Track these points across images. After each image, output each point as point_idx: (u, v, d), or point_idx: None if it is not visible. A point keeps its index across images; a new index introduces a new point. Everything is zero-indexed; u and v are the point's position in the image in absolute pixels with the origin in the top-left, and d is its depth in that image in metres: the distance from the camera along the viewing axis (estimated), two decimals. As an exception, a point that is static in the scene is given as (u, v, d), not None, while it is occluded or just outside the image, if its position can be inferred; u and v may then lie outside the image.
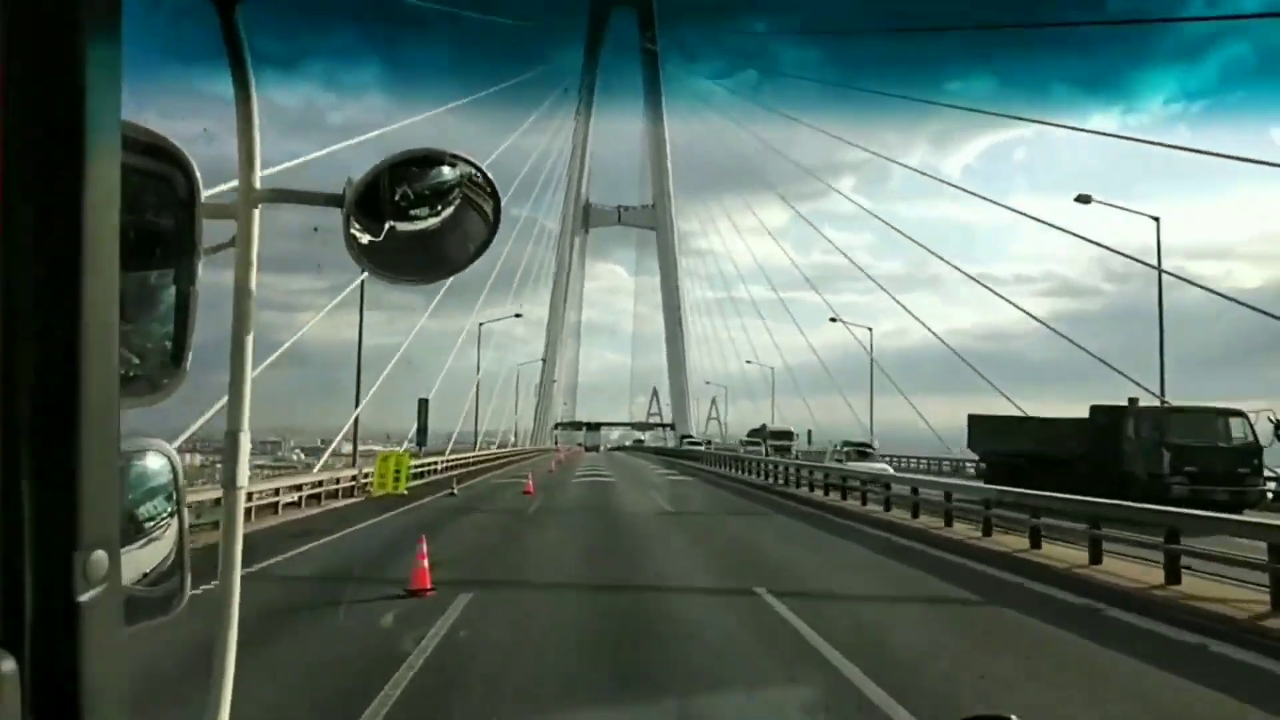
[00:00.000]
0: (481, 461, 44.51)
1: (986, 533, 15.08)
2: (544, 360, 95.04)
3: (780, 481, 30.61)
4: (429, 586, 9.40)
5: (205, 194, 1.03)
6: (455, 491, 26.34)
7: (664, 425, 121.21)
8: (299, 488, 21.57)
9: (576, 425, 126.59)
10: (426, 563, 9.62)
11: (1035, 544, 13.32)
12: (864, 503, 21.30)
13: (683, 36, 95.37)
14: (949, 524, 16.57)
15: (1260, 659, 7.52)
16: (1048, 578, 11.46)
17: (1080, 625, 8.81)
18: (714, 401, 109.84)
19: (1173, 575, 10.32)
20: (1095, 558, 11.85)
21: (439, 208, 1.14)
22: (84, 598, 0.73)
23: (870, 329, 53.01)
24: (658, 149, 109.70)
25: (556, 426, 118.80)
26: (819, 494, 25.20)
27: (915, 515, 17.92)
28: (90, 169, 0.73)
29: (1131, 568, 11.26)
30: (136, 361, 0.96)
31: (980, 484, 22.52)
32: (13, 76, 0.70)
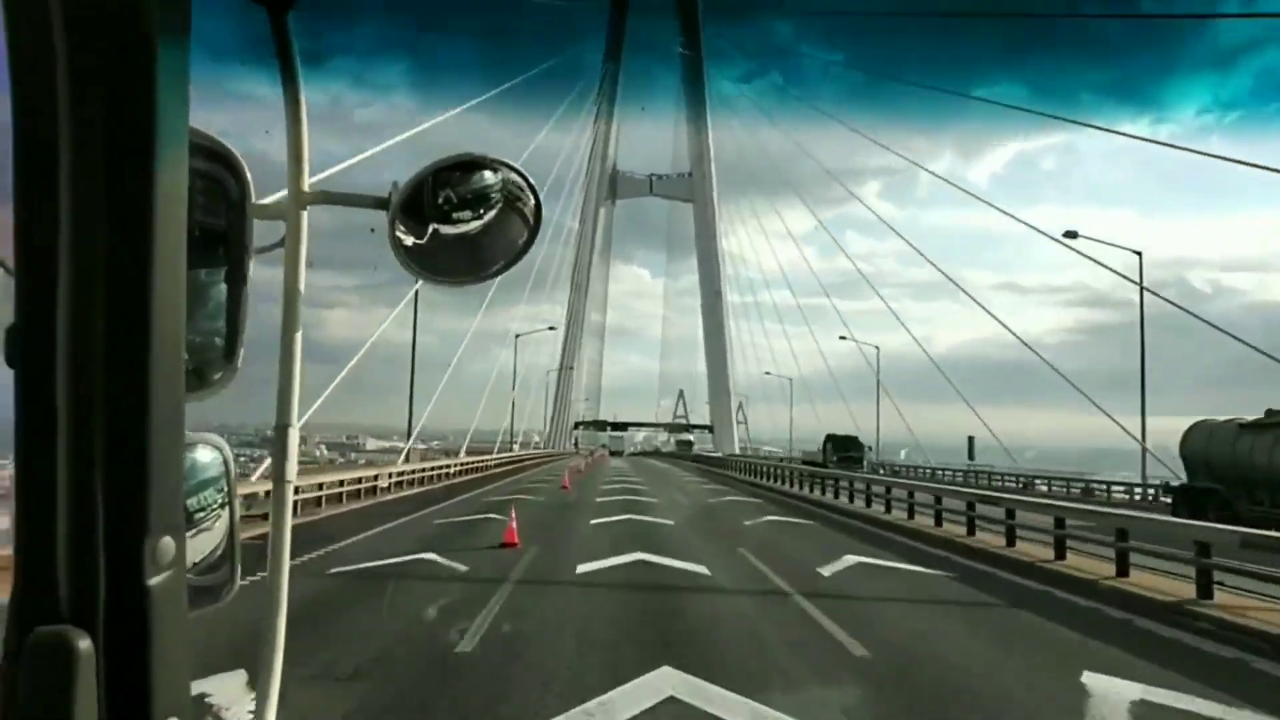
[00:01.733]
0: (474, 470, 38.92)
1: None
2: (562, 354, 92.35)
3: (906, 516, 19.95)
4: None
5: (255, 196, 1.07)
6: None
7: (698, 427, 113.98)
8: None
9: (600, 425, 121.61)
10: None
11: None
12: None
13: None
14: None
15: None
16: None
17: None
18: (740, 405, 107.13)
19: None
20: None
21: (481, 211, 1.18)
22: (153, 581, 0.77)
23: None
24: (696, 105, 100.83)
25: (578, 426, 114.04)
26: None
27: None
28: (159, 173, 0.77)
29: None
30: (189, 357, 1.01)
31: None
32: (86, 84, 0.74)
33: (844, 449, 48.03)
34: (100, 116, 0.75)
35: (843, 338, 61.67)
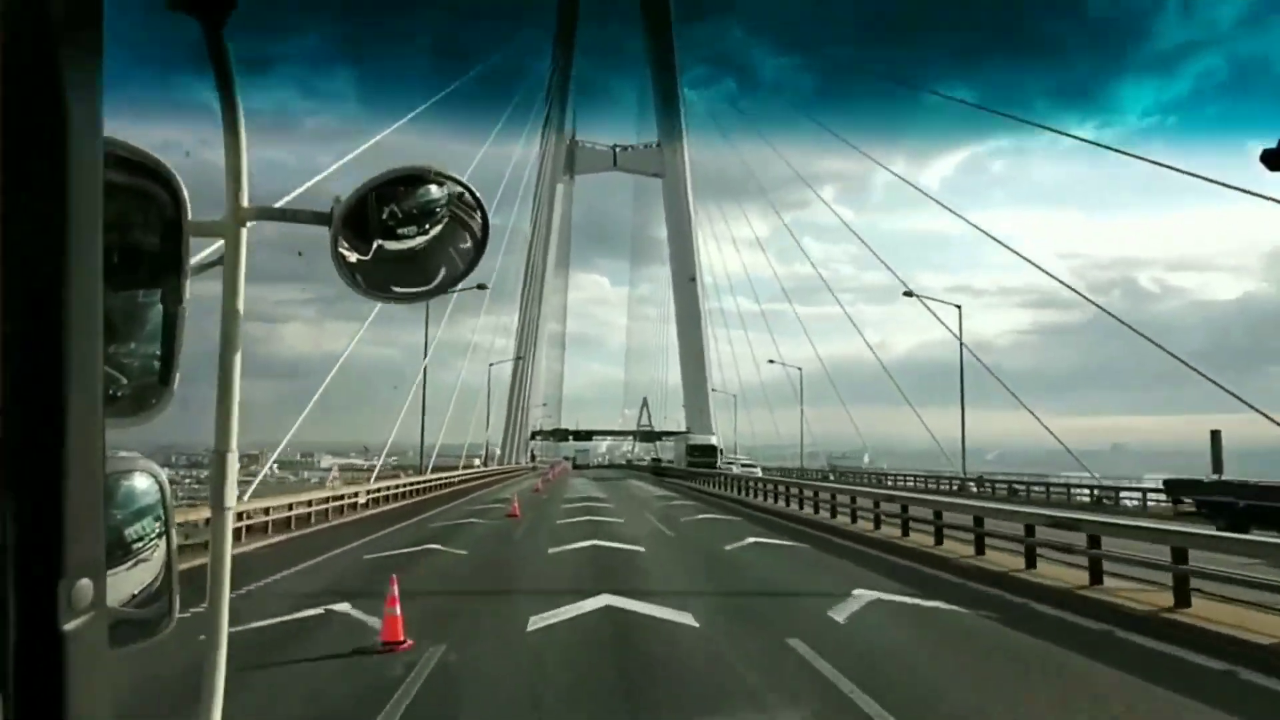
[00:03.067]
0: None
1: None
2: (517, 359, 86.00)
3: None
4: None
5: (192, 212, 1.04)
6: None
7: (671, 434, 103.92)
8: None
9: (561, 435, 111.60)
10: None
11: None
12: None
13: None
14: None
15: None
16: None
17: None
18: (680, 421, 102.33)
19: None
20: None
21: (427, 226, 1.17)
22: (69, 626, 0.72)
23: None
24: (662, 68, 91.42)
25: (535, 436, 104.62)
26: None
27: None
28: (72, 187, 0.73)
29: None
30: (124, 381, 0.97)
31: None
32: None
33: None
34: (8, 128, 0.71)
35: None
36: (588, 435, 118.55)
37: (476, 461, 68.38)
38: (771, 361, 65.78)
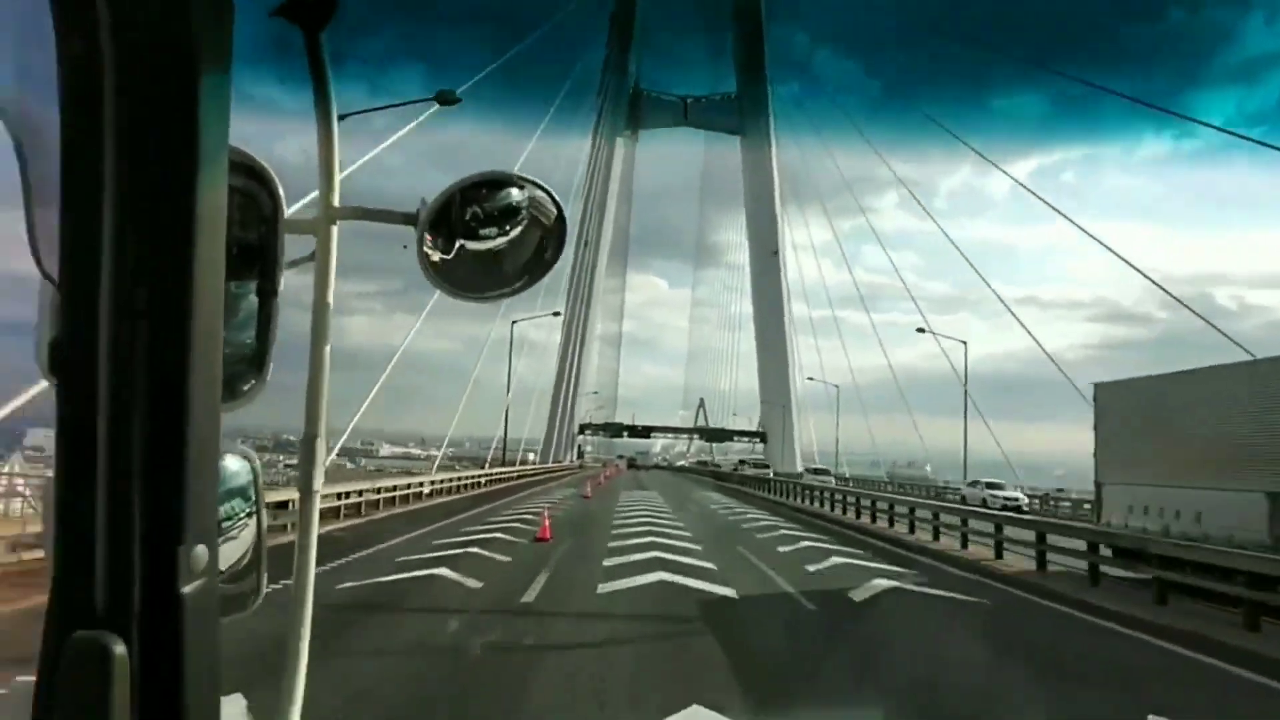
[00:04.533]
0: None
1: None
2: (565, 341, 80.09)
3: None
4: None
5: (288, 210, 1.11)
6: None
7: (745, 434, 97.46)
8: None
9: (614, 430, 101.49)
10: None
11: None
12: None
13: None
14: None
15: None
16: None
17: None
18: (750, 420, 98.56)
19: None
20: None
21: (507, 227, 1.21)
22: (186, 589, 0.80)
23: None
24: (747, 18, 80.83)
25: (584, 430, 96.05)
26: None
27: None
28: (200, 188, 0.80)
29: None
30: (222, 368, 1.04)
31: None
32: (130, 100, 0.77)
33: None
34: (143, 132, 0.78)
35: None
36: (645, 432, 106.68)
37: (532, 456, 68.21)
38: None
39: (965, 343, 50.09)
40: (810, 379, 68.63)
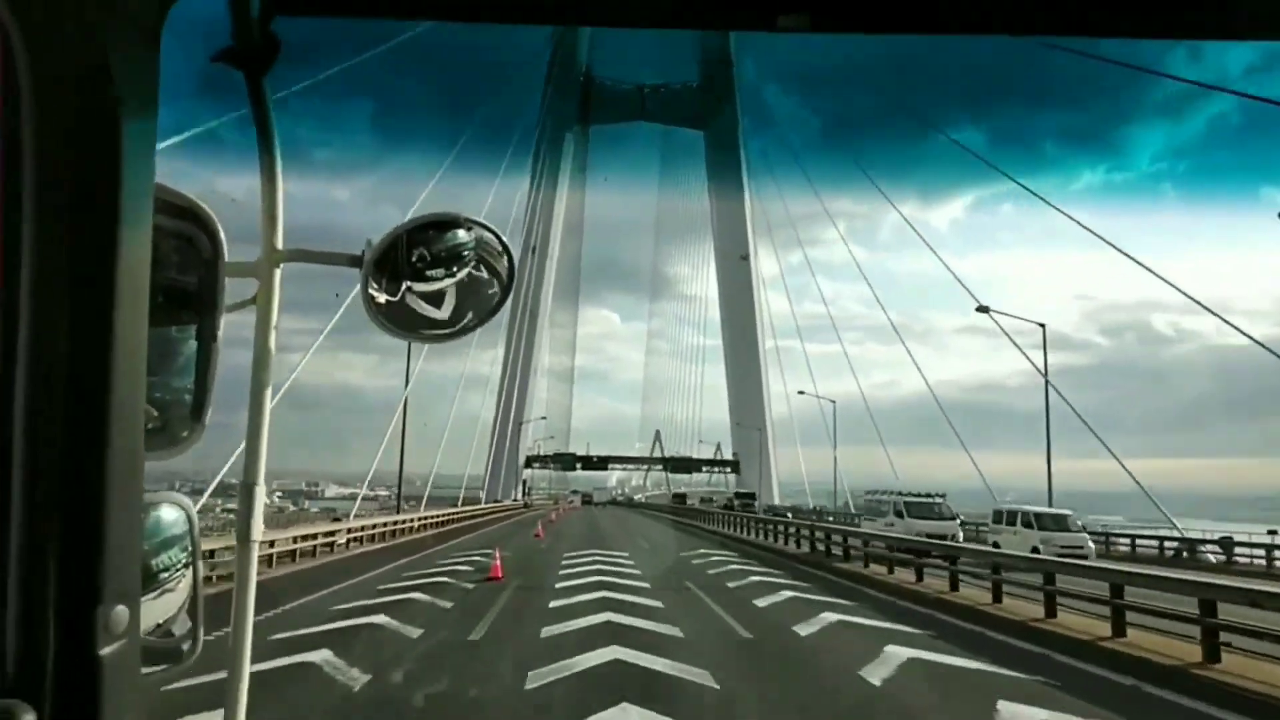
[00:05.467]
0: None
1: None
2: (506, 372, 73.34)
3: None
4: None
5: (234, 252, 1.10)
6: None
7: (714, 463, 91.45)
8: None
9: (567, 461, 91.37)
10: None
11: None
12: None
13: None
14: None
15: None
16: None
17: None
18: (719, 447, 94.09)
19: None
20: None
21: (454, 269, 1.22)
22: (104, 651, 0.77)
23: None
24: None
25: (532, 463, 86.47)
26: None
27: None
28: (123, 235, 0.78)
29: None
30: (156, 415, 1.03)
31: None
32: (49, 138, 0.76)
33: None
34: (64, 179, 0.76)
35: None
36: (601, 463, 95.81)
37: (482, 495, 64.28)
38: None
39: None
40: (801, 393, 62.75)
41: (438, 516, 40.11)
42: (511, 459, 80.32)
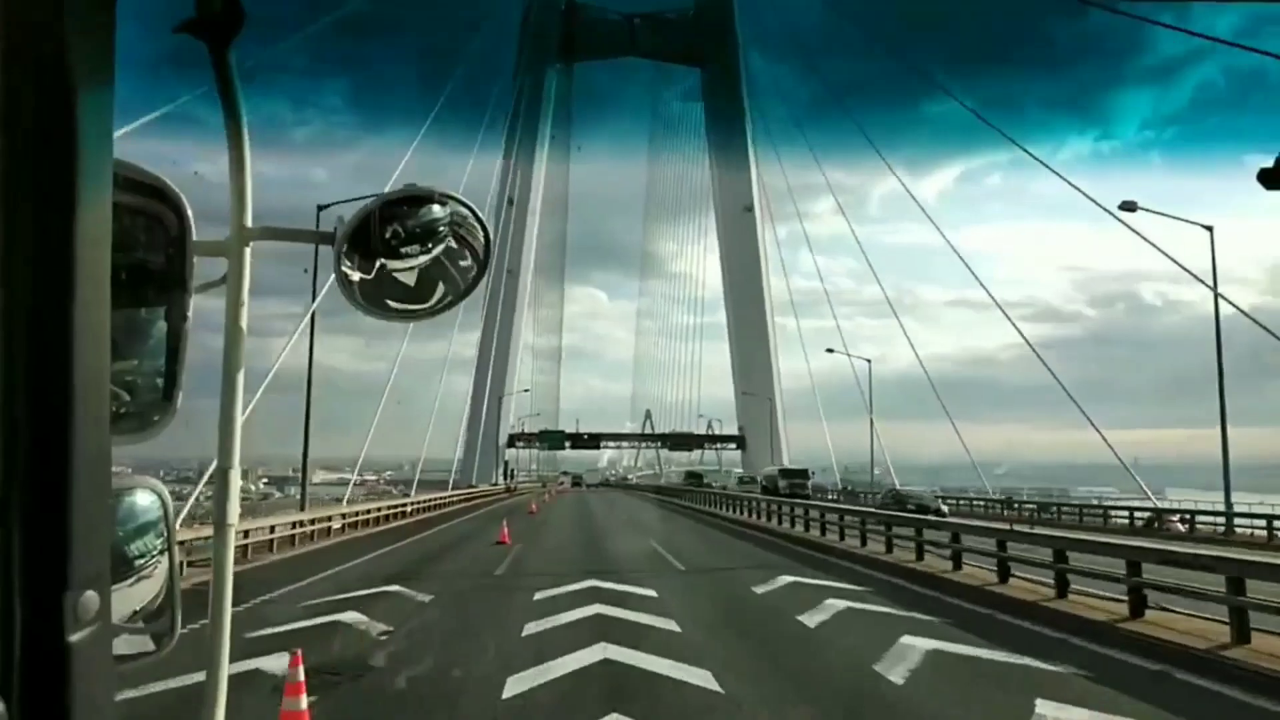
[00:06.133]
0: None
1: None
2: (483, 341, 69.52)
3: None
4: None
5: (196, 231, 1.08)
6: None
7: (718, 439, 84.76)
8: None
9: (555, 440, 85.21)
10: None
11: None
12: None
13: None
14: None
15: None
16: None
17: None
18: (710, 424, 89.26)
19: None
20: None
21: (429, 245, 1.20)
22: (74, 638, 0.75)
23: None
24: None
25: (516, 441, 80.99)
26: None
27: None
28: (81, 209, 0.76)
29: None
30: (127, 398, 1.01)
31: None
32: (4, 116, 0.74)
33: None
34: (19, 154, 0.74)
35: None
36: (594, 441, 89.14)
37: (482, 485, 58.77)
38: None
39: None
40: (830, 350, 55.45)
41: (346, 516, 27.23)
42: (491, 438, 73.55)
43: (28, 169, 0.75)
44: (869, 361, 52.04)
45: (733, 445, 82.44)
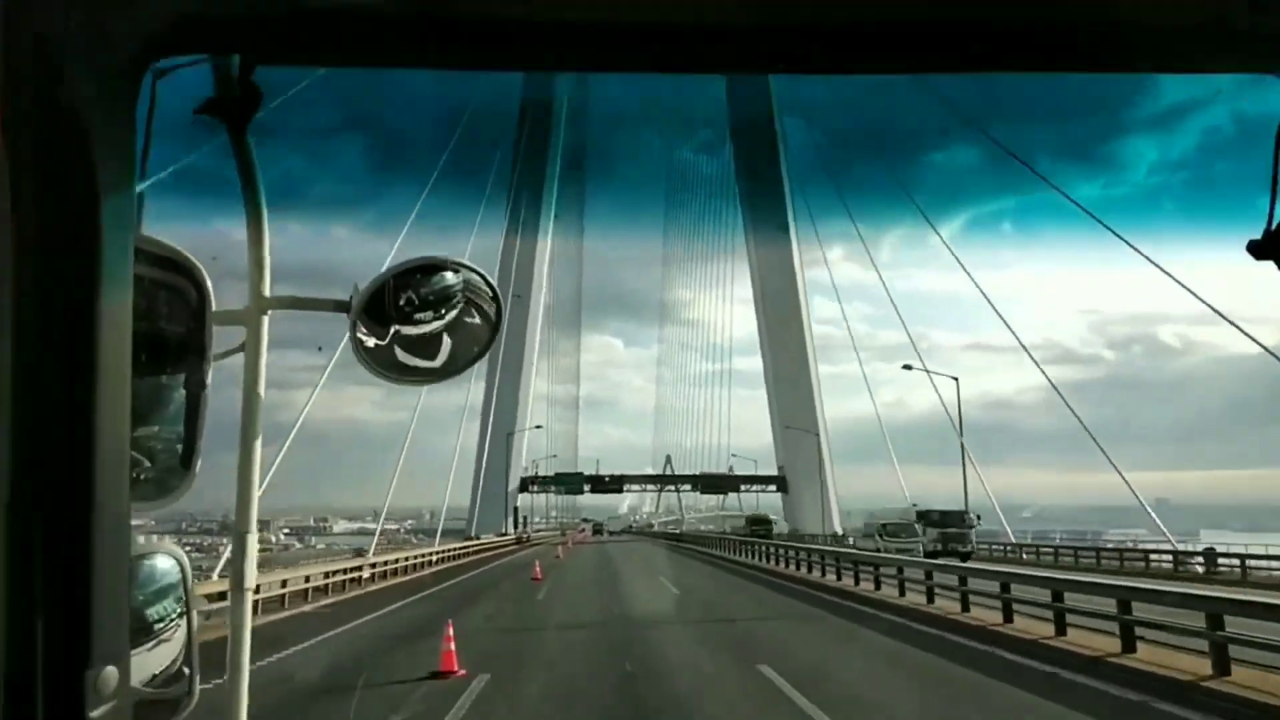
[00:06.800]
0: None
1: None
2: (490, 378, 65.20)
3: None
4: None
5: (220, 295, 1.12)
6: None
7: (756, 480, 75.65)
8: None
9: (573, 483, 78.02)
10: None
11: None
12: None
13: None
14: None
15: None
16: None
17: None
18: (731, 467, 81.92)
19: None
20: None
21: (442, 311, 1.24)
22: (94, 714, 0.76)
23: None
24: None
25: (531, 484, 75.48)
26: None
27: None
28: (104, 283, 0.79)
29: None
30: (147, 464, 1.04)
31: None
32: (28, 190, 0.76)
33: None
34: (43, 238, 0.76)
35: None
36: (616, 484, 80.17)
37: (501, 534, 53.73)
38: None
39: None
40: (908, 367, 47.67)
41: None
42: (498, 480, 66.52)
43: (54, 244, 0.77)
44: (956, 379, 44.35)
45: (772, 488, 75.54)
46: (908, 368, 47.31)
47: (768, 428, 75.32)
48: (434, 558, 33.85)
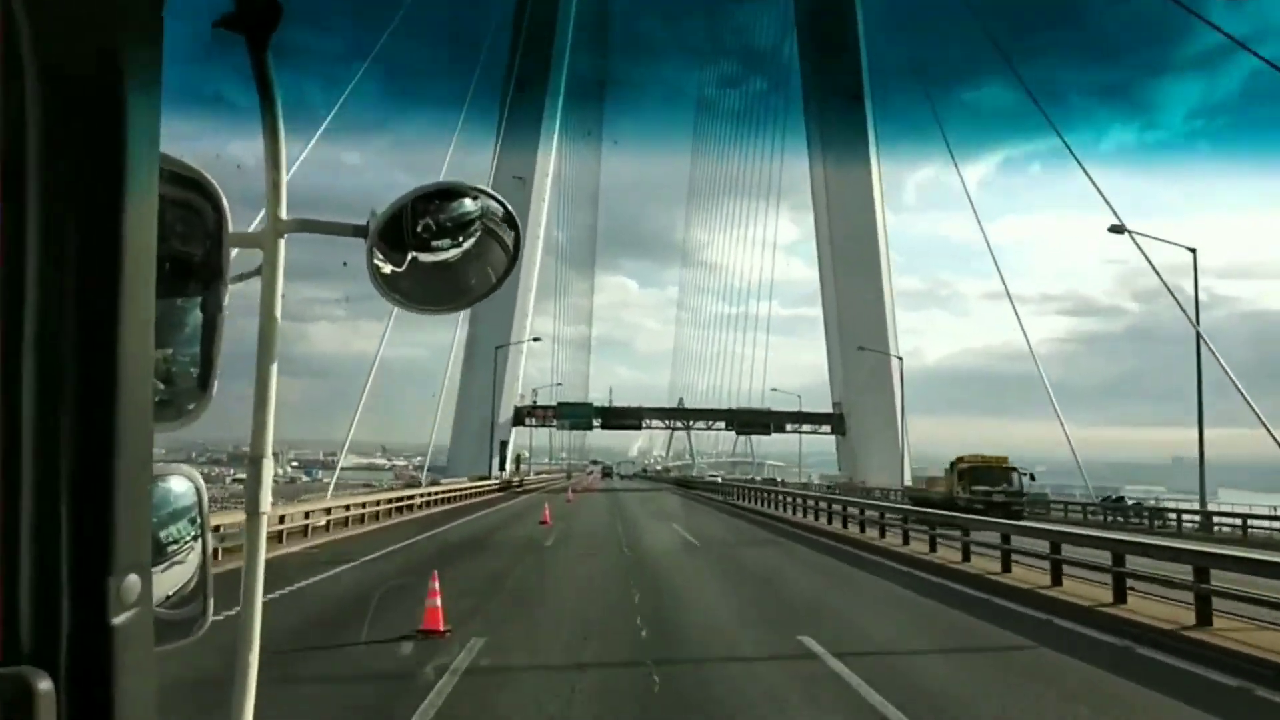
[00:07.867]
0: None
1: None
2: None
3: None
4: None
5: (239, 219, 1.11)
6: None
7: (809, 417, 65.55)
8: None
9: (582, 415, 66.97)
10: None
11: None
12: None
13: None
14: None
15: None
16: None
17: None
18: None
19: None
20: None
21: (460, 239, 1.23)
22: (117, 620, 0.79)
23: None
24: None
25: (529, 414, 64.10)
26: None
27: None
28: (129, 201, 0.80)
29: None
30: (164, 387, 1.05)
31: None
32: (54, 108, 0.77)
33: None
34: (67, 148, 0.78)
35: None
36: (634, 417, 69.33)
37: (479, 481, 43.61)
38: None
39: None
40: (1117, 230, 33.26)
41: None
42: (484, 411, 55.68)
43: (78, 163, 0.78)
44: (1193, 250, 31.76)
45: (825, 428, 65.44)
46: (1117, 230, 33.24)
47: (802, 370, 72.26)
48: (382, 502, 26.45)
